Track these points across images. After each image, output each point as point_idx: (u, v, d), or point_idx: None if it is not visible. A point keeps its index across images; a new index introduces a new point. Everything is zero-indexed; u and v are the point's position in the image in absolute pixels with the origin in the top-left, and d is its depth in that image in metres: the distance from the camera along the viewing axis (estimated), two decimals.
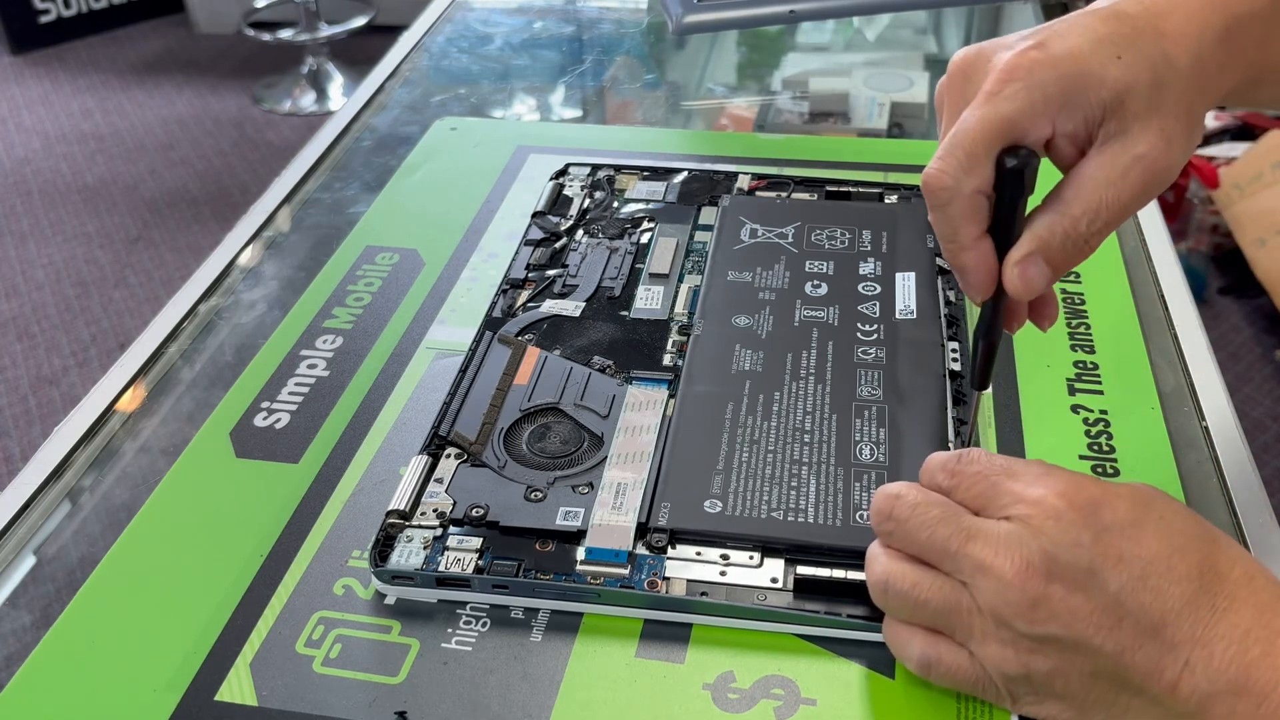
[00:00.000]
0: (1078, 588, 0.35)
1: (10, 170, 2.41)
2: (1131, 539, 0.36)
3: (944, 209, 0.40)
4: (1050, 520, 0.36)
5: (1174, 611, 0.35)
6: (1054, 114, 0.39)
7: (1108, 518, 0.36)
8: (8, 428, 1.74)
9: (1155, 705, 0.35)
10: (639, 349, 0.56)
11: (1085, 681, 0.36)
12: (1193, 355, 0.57)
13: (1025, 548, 0.36)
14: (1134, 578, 0.35)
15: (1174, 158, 0.39)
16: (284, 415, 0.54)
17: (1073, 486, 0.37)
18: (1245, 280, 1.82)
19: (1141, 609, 0.35)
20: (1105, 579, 0.35)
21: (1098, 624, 0.35)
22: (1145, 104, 0.39)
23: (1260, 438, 1.60)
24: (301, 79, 2.72)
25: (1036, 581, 0.35)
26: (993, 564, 0.36)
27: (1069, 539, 0.35)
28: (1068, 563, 0.35)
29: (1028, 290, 0.40)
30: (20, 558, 0.50)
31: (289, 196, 0.75)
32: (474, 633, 0.43)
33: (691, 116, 0.90)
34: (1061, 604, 0.35)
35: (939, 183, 0.39)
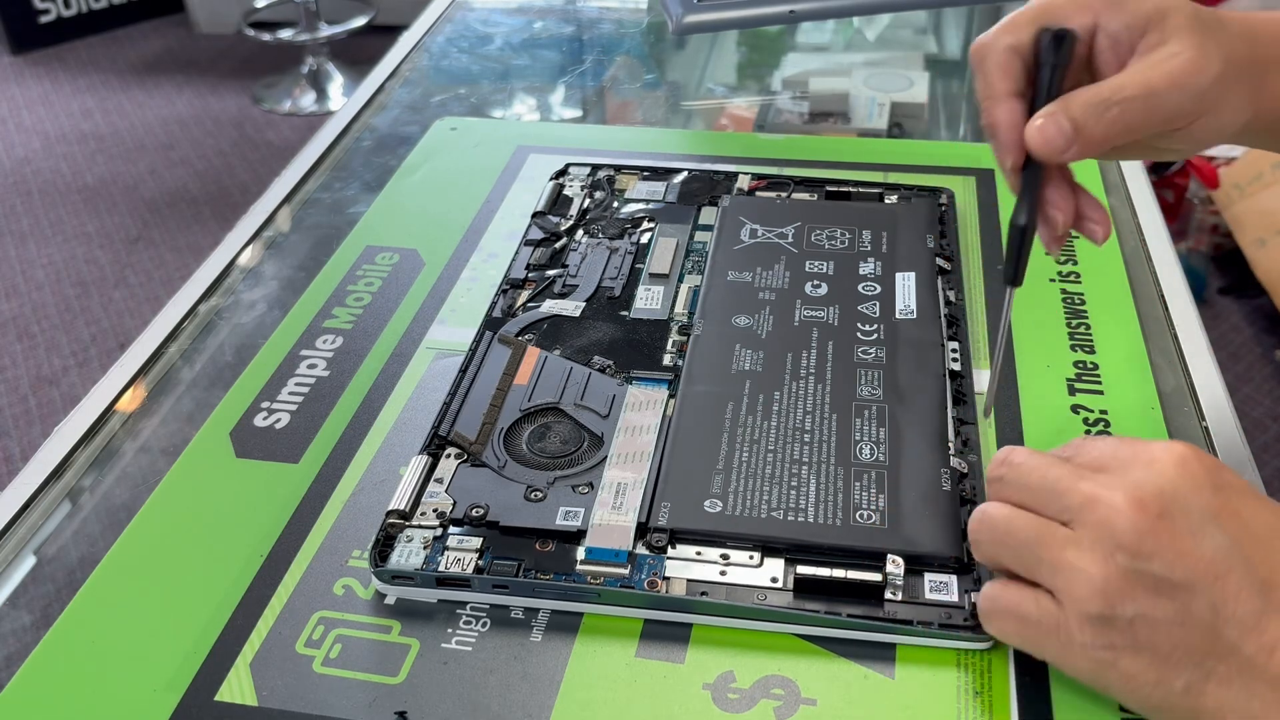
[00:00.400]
0: (1190, 531, 0.35)
1: (10, 170, 2.41)
2: (1251, 501, 0.36)
3: (981, 64, 0.43)
4: (1174, 467, 0.36)
5: None
6: (1099, 8, 0.42)
7: (1229, 479, 0.36)
8: (8, 428, 1.74)
9: (1245, 669, 0.34)
10: (639, 349, 0.56)
11: (1174, 632, 0.35)
12: (1193, 355, 0.57)
13: (1142, 487, 0.35)
14: (1249, 534, 0.35)
15: (1208, 71, 0.40)
16: (284, 415, 0.54)
17: (1193, 450, 0.37)
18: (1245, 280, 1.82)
19: (1250, 564, 0.34)
20: (1220, 527, 0.35)
21: (1205, 570, 0.34)
22: (1185, 24, 0.41)
23: (1260, 438, 1.60)
24: (301, 79, 2.72)
25: (1149, 514, 0.35)
26: (1103, 495, 0.36)
27: (1190, 485, 0.35)
28: (1185, 506, 0.35)
29: (1043, 140, 0.41)
30: (20, 558, 0.50)
31: (289, 196, 0.75)
32: (474, 633, 0.43)
33: (691, 116, 0.90)
34: (1170, 540, 0.34)
35: (979, 41, 0.43)
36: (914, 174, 0.71)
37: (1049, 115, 0.41)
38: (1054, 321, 0.58)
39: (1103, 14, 0.42)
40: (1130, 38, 0.42)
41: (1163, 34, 0.41)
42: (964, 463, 0.48)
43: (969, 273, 0.62)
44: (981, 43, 0.43)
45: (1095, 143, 0.41)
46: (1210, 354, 0.57)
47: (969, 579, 0.43)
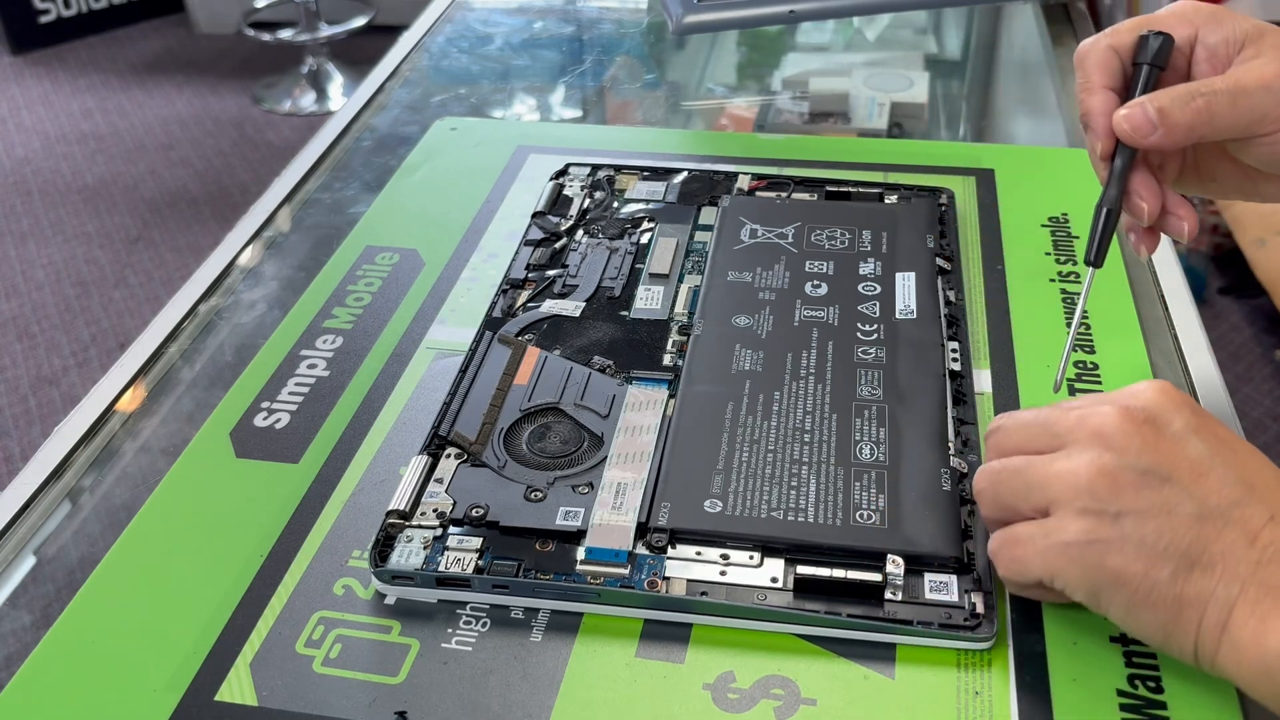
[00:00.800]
0: (1174, 437, 0.38)
1: (10, 170, 2.41)
2: (1223, 429, 0.39)
3: (1081, 61, 0.46)
4: (1156, 391, 0.39)
5: (1263, 480, 0.37)
6: (1200, 22, 0.45)
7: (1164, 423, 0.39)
8: (8, 428, 1.74)
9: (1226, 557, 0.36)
10: (639, 349, 0.56)
11: (1160, 522, 0.37)
12: (1193, 355, 0.57)
13: (1128, 402, 0.39)
14: (1226, 446, 0.38)
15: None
16: (284, 415, 0.54)
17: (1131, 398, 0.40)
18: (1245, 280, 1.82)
19: (1230, 468, 0.37)
20: (1200, 440, 0.38)
21: (1188, 467, 0.37)
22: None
23: (1260, 438, 1.60)
24: (301, 79, 2.72)
25: (1136, 421, 0.38)
26: (1094, 412, 0.39)
27: (1172, 404, 0.39)
28: (1169, 418, 0.38)
29: (1130, 124, 0.43)
30: (20, 558, 0.50)
31: (289, 196, 0.75)
32: (474, 633, 0.43)
33: (691, 116, 0.90)
34: (1155, 440, 0.38)
35: (1082, 44, 0.46)
36: (914, 174, 0.71)
37: (1137, 103, 0.44)
38: (1054, 321, 0.58)
39: (1203, 27, 0.45)
40: (1228, 51, 0.44)
41: (1259, 49, 0.43)
42: (964, 463, 0.48)
43: (969, 273, 0.62)
44: (1084, 44, 0.46)
45: (1180, 129, 0.43)
46: (1210, 354, 0.57)
47: (969, 579, 0.43)
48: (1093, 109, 0.45)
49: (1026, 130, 0.92)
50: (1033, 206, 0.68)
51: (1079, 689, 0.40)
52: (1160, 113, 0.43)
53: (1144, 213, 0.45)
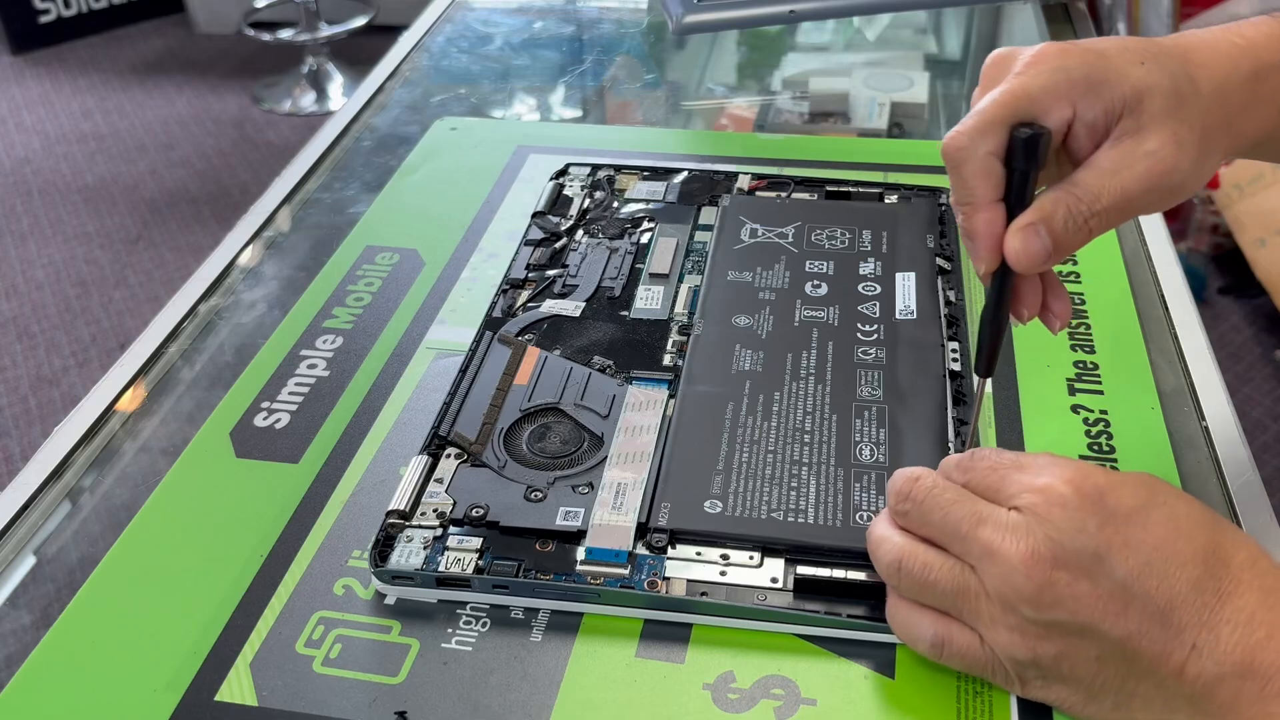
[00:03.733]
0: (1084, 574, 0.35)
1: (10, 170, 2.41)
2: (1138, 525, 0.36)
3: (958, 169, 0.41)
4: (1056, 508, 0.36)
5: (1180, 596, 0.35)
6: (1075, 98, 0.40)
7: (1113, 504, 0.36)
8: (8, 428, 1.74)
9: (1162, 688, 0.36)
10: (639, 349, 0.56)
11: (1092, 666, 0.36)
12: (1193, 355, 0.57)
13: (1032, 535, 0.36)
14: (1140, 563, 0.35)
15: (1184, 164, 0.40)
16: (284, 415, 0.54)
17: (1079, 475, 0.37)
18: (1245, 280, 1.82)
19: (1148, 594, 0.35)
20: (1111, 565, 0.35)
21: (1104, 610, 0.35)
22: (1162, 108, 0.40)
23: (1260, 438, 1.60)
24: (301, 79, 2.72)
25: (1043, 568, 0.36)
26: (1000, 549, 0.36)
27: (1074, 525, 0.36)
28: (1074, 549, 0.36)
29: (1027, 257, 0.40)
30: (20, 558, 0.50)
31: (289, 196, 0.75)
32: (474, 633, 0.43)
33: (691, 116, 0.90)
34: (1067, 590, 0.35)
35: (954, 144, 0.41)
36: (914, 174, 0.71)
37: (1029, 229, 0.40)
38: None
39: (1079, 102, 0.40)
40: (1107, 123, 0.41)
41: (1139, 120, 0.40)
42: None
43: (969, 273, 0.62)
44: (957, 146, 0.41)
45: (1070, 251, 0.41)
46: (1210, 354, 0.57)
47: None
48: (978, 230, 0.41)
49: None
50: None
51: None
52: (1054, 239, 0.40)
53: (1024, 317, 0.44)
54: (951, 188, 0.42)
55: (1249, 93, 0.42)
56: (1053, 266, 0.42)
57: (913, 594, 0.40)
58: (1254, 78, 0.42)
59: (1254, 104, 0.42)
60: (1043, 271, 0.43)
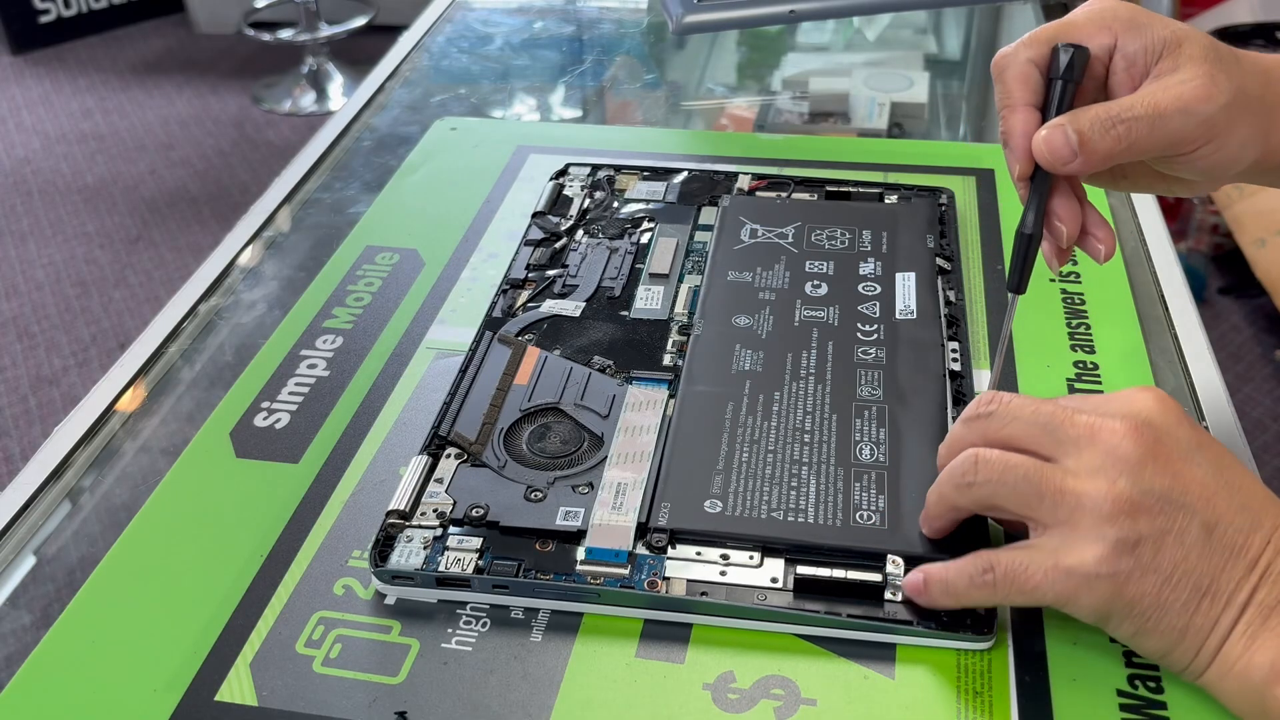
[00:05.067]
0: (1182, 456, 0.38)
1: (10, 170, 2.41)
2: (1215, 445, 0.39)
3: (1001, 75, 0.44)
4: (1156, 403, 0.39)
5: (1257, 500, 0.38)
6: (1118, 30, 0.43)
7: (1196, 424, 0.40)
8: (8, 428, 1.74)
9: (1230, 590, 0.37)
10: (639, 349, 0.56)
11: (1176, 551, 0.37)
12: (1193, 355, 0.57)
13: (1136, 417, 0.39)
14: (1224, 465, 0.38)
15: (1217, 98, 0.42)
16: (284, 415, 0.54)
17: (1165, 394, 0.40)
18: (1245, 280, 1.82)
19: (1232, 491, 0.38)
20: (1204, 460, 0.38)
21: (1199, 491, 0.37)
22: (1200, 53, 0.42)
23: (1260, 438, 1.60)
24: (301, 79, 2.72)
25: (1147, 440, 0.38)
26: (1105, 424, 0.39)
27: (1173, 419, 0.39)
28: (1175, 436, 0.38)
29: (1050, 150, 0.42)
30: (20, 558, 0.50)
31: (289, 196, 0.75)
32: (474, 633, 0.43)
33: (691, 116, 0.90)
34: (1168, 464, 0.38)
35: (1001, 53, 0.45)
36: (914, 174, 0.71)
37: (1056, 126, 0.42)
38: (1054, 321, 0.58)
39: (1121, 35, 0.43)
40: (1146, 61, 0.43)
41: (1177, 60, 0.42)
42: None
43: (969, 273, 0.62)
44: (1003, 54, 0.44)
45: (1099, 156, 0.42)
46: (1210, 354, 0.57)
47: None
48: (1013, 129, 0.44)
49: None
50: None
51: (1079, 689, 0.40)
52: (1080, 139, 0.42)
53: (1063, 236, 0.44)
54: (996, 97, 0.45)
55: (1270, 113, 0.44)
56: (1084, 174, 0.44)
57: (985, 491, 0.40)
58: None
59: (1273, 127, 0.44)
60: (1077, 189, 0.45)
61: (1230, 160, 0.43)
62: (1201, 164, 0.43)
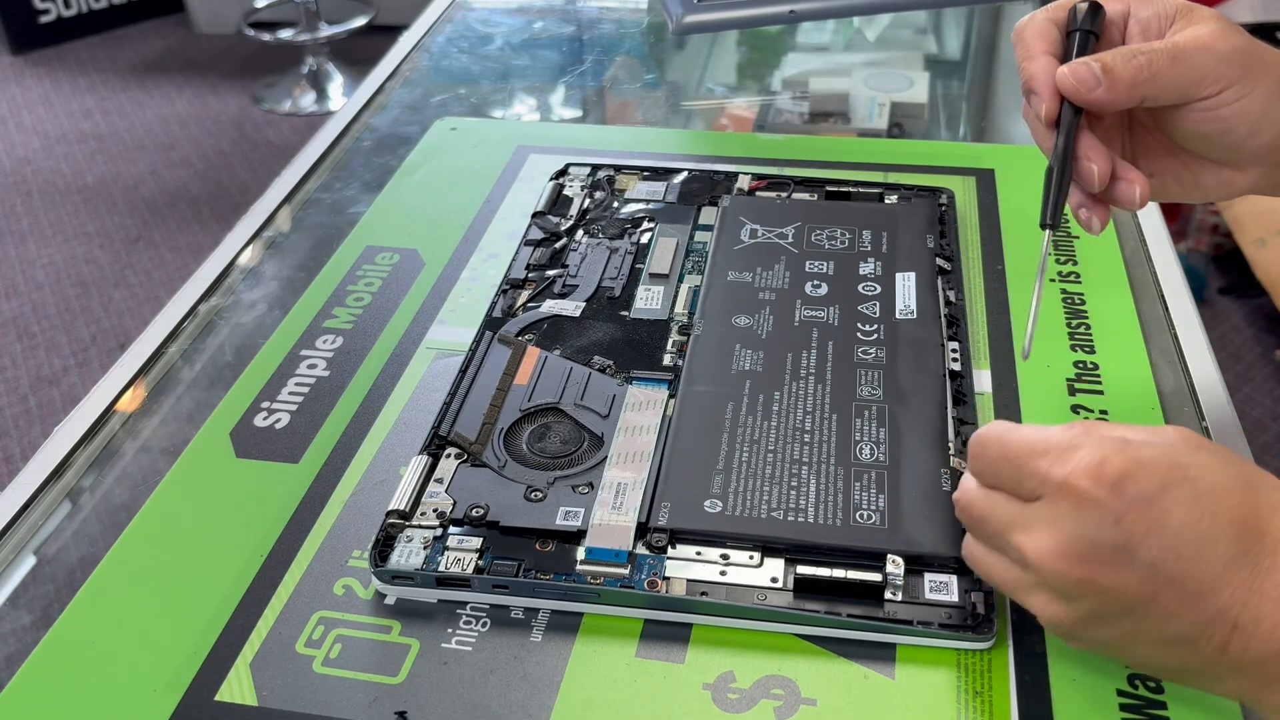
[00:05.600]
0: (1113, 565, 0.35)
1: (10, 170, 2.41)
2: (1159, 509, 0.35)
3: (1021, 34, 0.46)
4: (1077, 504, 0.36)
5: (1214, 576, 0.34)
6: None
7: (1133, 491, 0.35)
8: (8, 428, 1.74)
9: (1207, 664, 0.36)
10: (639, 349, 0.56)
11: (1135, 646, 0.37)
12: (1193, 355, 0.57)
13: (1059, 531, 0.36)
14: (1166, 548, 0.35)
15: (1229, 40, 0.43)
16: (284, 415, 0.54)
17: (1095, 463, 0.36)
18: (1245, 280, 1.82)
19: (1180, 577, 0.35)
20: (1138, 553, 0.35)
21: (1137, 596, 0.35)
22: (1211, 14, 0.44)
23: (1260, 438, 1.60)
24: (301, 79, 2.72)
25: (1074, 564, 0.36)
26: (1034, 551, 0.36)
27: (1096, 519, 0.35)
28: (1099, 541, 0.35)
29: (1076, 82, 0.43)
30: (20, 558, 0.50)
31: (289, 196, 0.75)
32: (474, 633, 0.43)
33: (691, 116, 0.90)
34: (1101, 581, 0.35)
35: (1021, 21, 0.47)
36: (914, 174, 0.71)
37: (1080, 60, 0.44)
38: (1054, 321, 0.58)
39: (1135, 2, 0.46)
40: (1159, 25, 0.45)
41: (1190, 21, 0.44)
42: (963, 463, 0.48)
43: (969, 273, 0.62)
44: (1022, 19, 0.47)
45: (1123, 83, 0.43)
46: (1210, 354, 0.57)
47: (969, 579, 0.43)
48: (1035, 72, 0.45)
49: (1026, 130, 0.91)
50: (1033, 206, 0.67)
51: (1079, 689, 0.40)
52: (1104, 67, 0.43)
53: (1094, 175, 0.44)
54: (1015, 57, 0.46)
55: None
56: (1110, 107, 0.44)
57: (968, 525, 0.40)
58: None
59: None
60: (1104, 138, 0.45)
61: (1256, 119, 0.43)
62: (1227, 115, 0.43)
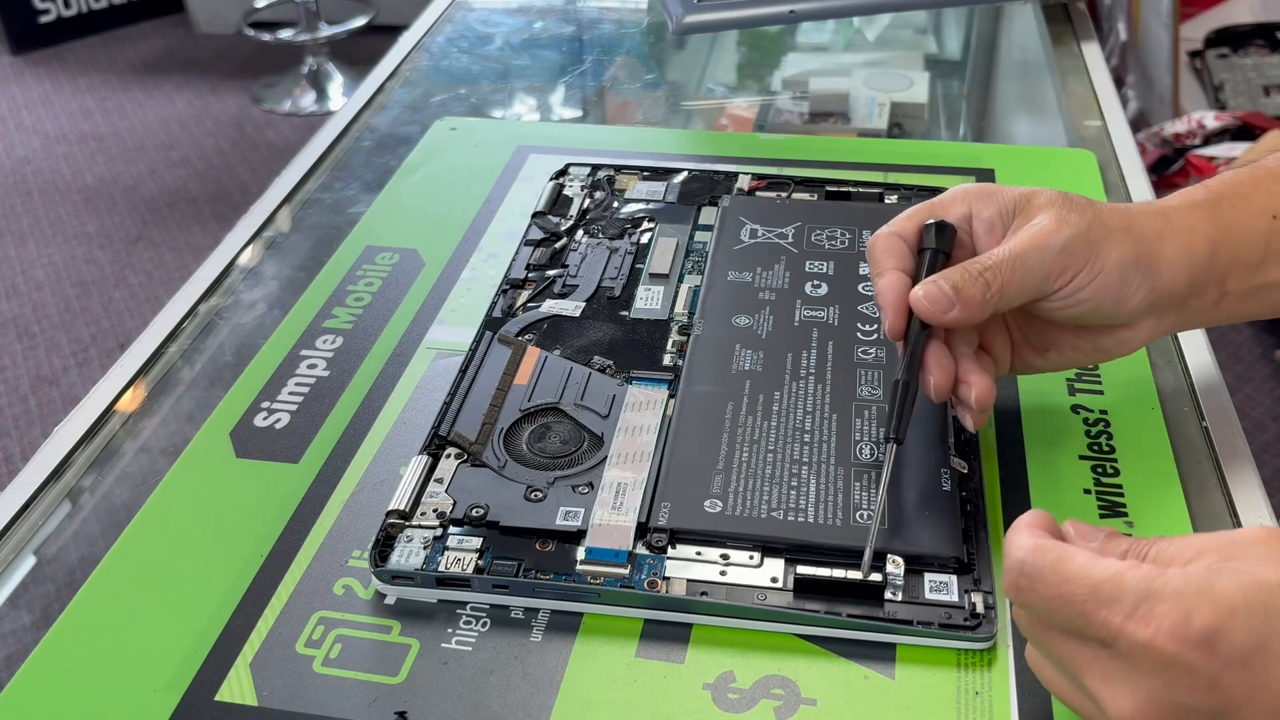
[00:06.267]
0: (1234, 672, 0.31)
1: (10, 170, 2.41)
2: (1260, 670, 0.31)
3: (871, 250, 0.48)
4: (1164, 666, 0.32)
5: None
6: (971, 200, 0.48)
7: (1226, 649, 0.31)
8: (8, 428, 1.74)
9: None
10: (639, 349, 0.56)
11: None
12: (1193, 355, 0.57)
13: (1144, 692, 0.32)
14: (1269, 709, 0.31)
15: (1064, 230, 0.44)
16: (284, 415, 0.54)
17: (1181, 620, 0.31)
18: None
19: None
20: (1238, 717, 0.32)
21: None
22: (1047, 200, 0.46)
23: (1260, 438, 1.60)
24: (301, 79, 2.72)
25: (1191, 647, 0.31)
26: (1115, 709, 0.33)
27: (1188, 684, 0.32)
28: (1193, 708, 0.32)
29: (930, 305, 0.44)
30: (20, 558, 0.50)
31: (289, 196, 0.75)
32: (474, 633, 0.43)
33: (691, 116, 0.90)
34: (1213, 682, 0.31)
35: (872, 237, 0.48)
36: (914, 174, 0.71)
37: (932, 280, 0.45)
38: None
39: (975, 204, 0.47)
40: (1003, 222, 0.47)
41: (1029, 214, 0.46)
42: (964, 463, 0.48)
43: None
44: (874, 236, 0.48)
45: (974, 302, 0.44)
46: (1210, 354, 0.57)
47: (969, 579, 0.43)
48: (885, 288, 0.46)
49: (1026, 130, 0.91)
50: None
51: None
52: (955, 289, 0.44)
53: (932, 386, 0.45)
54: (869, 271, 0.49)
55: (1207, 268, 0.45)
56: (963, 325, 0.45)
57: None
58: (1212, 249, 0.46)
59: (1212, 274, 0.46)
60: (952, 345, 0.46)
61: (1117, 290, 0.44)
62: (1088, 296, 0.45)
